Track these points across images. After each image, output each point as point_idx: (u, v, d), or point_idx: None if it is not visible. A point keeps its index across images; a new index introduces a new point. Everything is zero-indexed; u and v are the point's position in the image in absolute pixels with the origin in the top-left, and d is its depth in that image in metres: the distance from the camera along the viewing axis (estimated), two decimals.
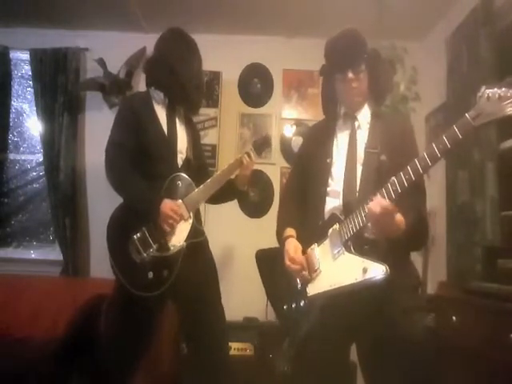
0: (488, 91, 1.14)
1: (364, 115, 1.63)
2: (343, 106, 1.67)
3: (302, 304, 1.52)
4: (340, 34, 1.59)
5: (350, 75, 1.54)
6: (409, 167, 1.27)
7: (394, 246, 1.36)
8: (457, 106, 2.58)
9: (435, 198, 2.81)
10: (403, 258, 1.52)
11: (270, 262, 1.71)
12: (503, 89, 1.12)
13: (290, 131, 3.46)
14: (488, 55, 2.33)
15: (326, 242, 1.50)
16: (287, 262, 1.54)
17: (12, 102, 3.50)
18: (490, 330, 1.65)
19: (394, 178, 1.30)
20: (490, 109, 1.13)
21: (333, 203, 1.53)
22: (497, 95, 1.12)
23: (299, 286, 1.55)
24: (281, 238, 1.66)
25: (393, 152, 1.48)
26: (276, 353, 2.76)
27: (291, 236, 1.62)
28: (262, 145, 2.16)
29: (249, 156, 2.05)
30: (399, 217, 1.35)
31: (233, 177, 2.10)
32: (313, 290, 1.50)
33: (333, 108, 1.71)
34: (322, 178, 1.59)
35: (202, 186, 2.01)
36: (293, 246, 1.56)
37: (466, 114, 1.17)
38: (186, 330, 2.11)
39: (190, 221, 1.97)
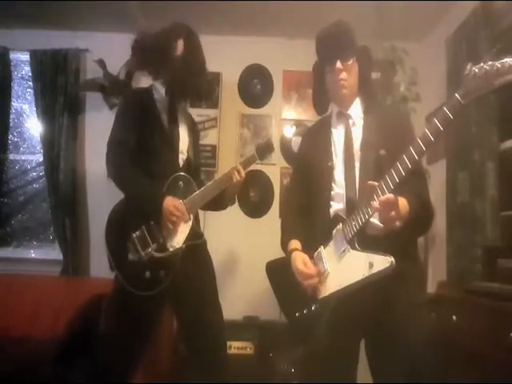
0: (474, 68, 1.14)
1: (356, 112, 1.62)
2: (335, 104, 1.66)
3: (313, 308, 1.52)
4: (328, 26, 1.60)
5: (338, 65, 1.54)
6: (404, 155, 1.26)
7: (399, 237, 1.34)
8: None
9: (435, 198, 2.81)
10: (411, 249, 1.52)
11: (279, 273, 1.69)
12: (489, 63, 1.11)
13: (289, 132, 3.46)
14: (488, 57, 2.34)
15: (331, 243, 1.50)
16: (304, 280, 1.51)
17: (12, 103, 3.50)
18: (490, 330, 1.65)
19: (391, 169, 1.29)
20: (478, 85, 1.13)
21: (337, 206, 1.53)
22: (483, 70, 1.11)
23: (309, 291, 1.54)
24: (286, 250, 1.65)
25: (392, 145, 1.44)
26: (276, 352, 2.77)
27: (296, 249, 1.60)
28: (265, 150, 2.16)
29: (238, 172, 2.01)
30: (402, 201, 1.33)
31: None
32: (323, 292, 1.49)
33: (324, 104, 1.71)
34: (325, 182, 1.57)
35: (202, 189, 2.01)
36: (301, 261, 1.53)
37: (455, 94, 1.17)
38: (185, 331, 2.10)
39: (190, 223, 1.96)
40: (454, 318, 1.90)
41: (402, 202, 1.33)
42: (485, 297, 1.78)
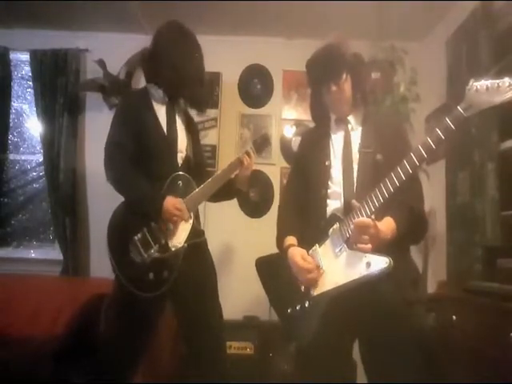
0: (476, 84, 1.21)
1: (356, 117, 1.66)
2: (334, 113, 1.70)
3: (306, 305, 1.51)
4: (319, 51, 1.62)
5: (334, 88, 1.58)
6: (405, 161, 1.31)
7: (393, 240, 1.39)
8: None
9: (435, 198, 2.82)
10: (403, 250, 1.54)
11: (270, 268, 1.70)
12: (490, 80, 1.18)
13: (290, 131, 3.47)
14: (487, 57, 2.34)
15: (327, 242, 1.51)
16: (302, 275, 1.50)
17: (12, 103, 3.50)
18: (490, 330, 1.65)
19: (392, 172, 1.33)
20: (480, 100, 1.20)
21: (334, 205, 1.55)
22: (485, 87, 1.19)
23: (302, 288, 1.54)
24: (281, 246, 1.65)
25: (388, 150, 1.50)
26: (276, 351, 2.76)
27: (293, 245, 1.60)
28: (261, 144, 2.17)
29: (248, 155, 2.04)
30: (388, 221, 1.39)
31: (232, 176, 2.08)
32: (317, 289, 1.49)
33: (322, 115, 1.74)
34: (322, 180, 1.60)
35: (202, 187, 2.00)
36: (300, 255, 1.53)
37: (458, 107, 1.24)
38: (185, 331, 2.10)
39: (190, 221, 1.96)
40: (454, 317, 1.90)
41: (389, 222, 1.40)
42: (485, 297, 1.78)
